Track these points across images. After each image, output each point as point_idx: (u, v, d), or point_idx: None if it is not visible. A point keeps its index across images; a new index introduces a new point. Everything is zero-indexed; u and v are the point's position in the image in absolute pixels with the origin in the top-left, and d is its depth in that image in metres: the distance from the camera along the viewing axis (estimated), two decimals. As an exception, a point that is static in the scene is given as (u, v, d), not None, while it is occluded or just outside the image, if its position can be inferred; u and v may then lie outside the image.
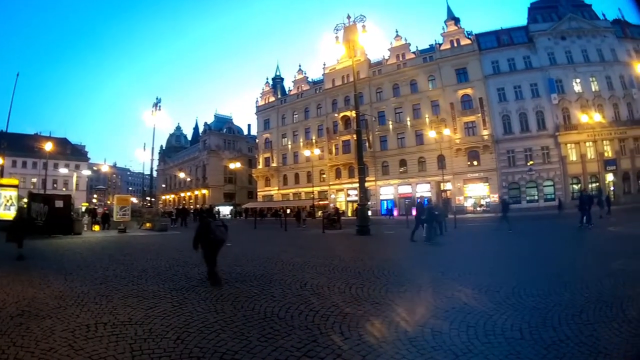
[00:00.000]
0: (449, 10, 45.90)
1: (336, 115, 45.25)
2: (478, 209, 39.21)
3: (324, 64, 48.74)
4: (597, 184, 37.44)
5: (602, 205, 22.72)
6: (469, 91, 41.06)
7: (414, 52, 44.46)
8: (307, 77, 51.97)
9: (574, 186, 38.23)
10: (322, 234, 17.83)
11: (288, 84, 55.51)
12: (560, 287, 5.74)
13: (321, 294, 5.50)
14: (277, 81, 57.78)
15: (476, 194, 40.55)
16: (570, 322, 4.17)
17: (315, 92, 49.69)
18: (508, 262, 8.68)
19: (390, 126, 42.86)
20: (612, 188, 37.81)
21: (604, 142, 38.68)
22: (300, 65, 54.83)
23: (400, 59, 44.46)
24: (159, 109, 26.22)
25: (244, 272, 7.38)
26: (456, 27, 43.66)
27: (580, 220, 16.20)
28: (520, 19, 48.16)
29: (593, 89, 39.74)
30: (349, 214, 40.70)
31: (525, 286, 5.78)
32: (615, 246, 10.18)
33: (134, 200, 52.93)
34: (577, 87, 39.94)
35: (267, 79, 57.50)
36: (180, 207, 40.16)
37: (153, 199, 54.17)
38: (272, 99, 54.61)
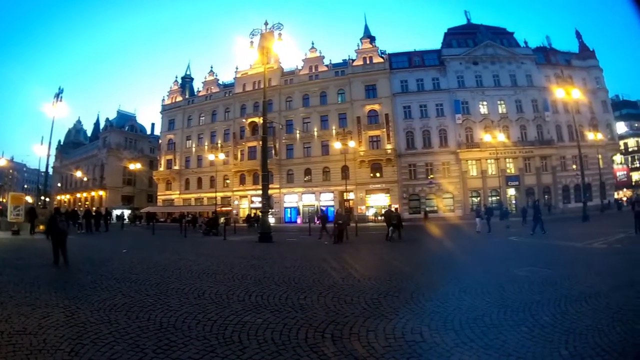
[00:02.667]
0: (366, 29, 49.21)
1: (244, 120, 45.88)
2: (379, 218, 40.64)
3: (237, 68, 50.08)
4: (498, 197, 41.41)
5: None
6: (376, 107, 44.01)
7: (327, 65, 47.31)
8: (218, 80, 52.96)
9: (474, 199, 42.06)
10: (224, 241, 18.16)
11: (198, 85, 56.04)
12: (460, 291, 6.18)
13: (220, 302, 5.58)
14: (187, 81, 57.79)
15: (378, 203, 42.86)
16: (473, 325, 4.41)
17: (225, 96, 50.62)
18: (407, 268, 9.14)
19: (298, 135, 44.35)
20: (513, 202, 42.39)
21: (507, 159, 42.99)
22: (212, 67, 55.86)
23: (313, 71, 46.86)
24: (60, 100, 25.28)
25: (139, 280, 7.40)
26: (371, 46, 47.08)
27: (533, 228, 17.68)
28: (438, 43, 50.80)
29: (500, 111, 44.36)
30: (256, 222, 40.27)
31: (424, 291, 6.26)
32: (518, 254, 11.45)
33: (29, 199, 49.68)
34: (483, 109, 44.39)
35: (177, 77, 57.32)
36: (95, 208, 36.22)
37: (47, 199, 49.22)
38: (179, 98, 54.49)
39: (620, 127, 62.84)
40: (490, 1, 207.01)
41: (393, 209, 22.59)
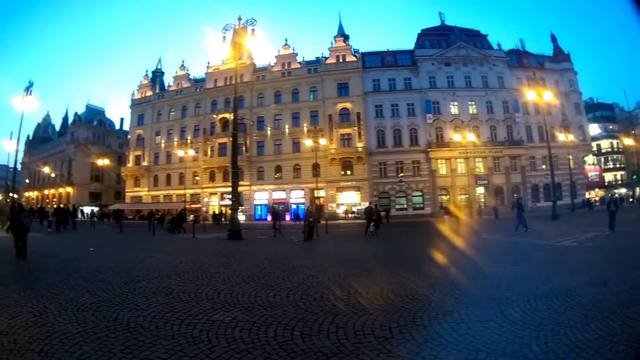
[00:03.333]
0: (340, 27, 49.91)
1: (215, 116, 45.74)
2: (350, 215, 42.04)
3: (208, 63, 50.11)
4: (467, 195, 42.36)
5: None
6: (348, 105, 44.64)
7: (300, 62, 47.73)
8: (189, 75, 52.81)
9: (443, 197, 42.81)
10: (193, 239, 18.18)
11: (169, 80, 55.51)
12: (429, 287, 6.31)
13: (188, 301, 5.58)
14: (158, 75, 57.43)
15: (348, 201, 43.63)
16: (442, 321, 4.46)
17: (196, 91, 50.42)
18: (376, 265, 9.18)
19: (269, 132, 44.54)
20: (482, 200, 43.26)
21: (477, 159, 44.13)
22: (183, 61, 55.12)
23: (286, 67, 47.11)
24: (30, 94, 24.82)
25: (106, 279, 7.36)
26: (344, 44, 47.74)
27: (516, 227, 17.83)
28: (411, 43, 51.24)
29: (471, 112, 45.49)
30: (222, 219, 40.40)
31: (393, 287, 6.31)
32: (487, 251, 11.53)
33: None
34: (454, 110, 45.44)
35: (147, 71, 56.86)
36: (62, 205, 35.09)
37: (15, 196, 48.17)
38: (149, 93, 54.09)
39: (594, 129, 64.37)
40: (465, 4, 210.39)
41: (374, 207, 23.00)
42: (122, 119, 69.84)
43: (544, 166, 44.31)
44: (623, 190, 62.86)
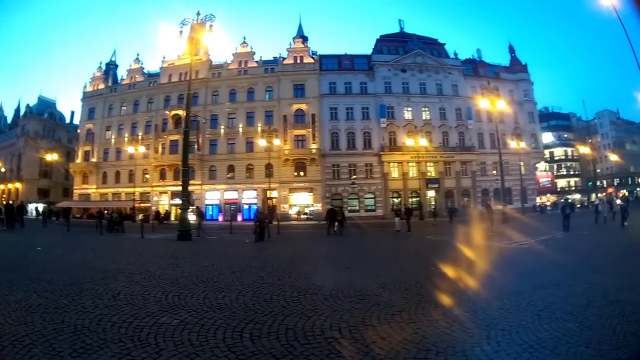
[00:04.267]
0: (300, 29, 50.40)
1: (167, 112, 45.31)
2: (302, 216, 42.50)
3: (164, 58, 49.20)
4: (418, 198, 43.64)
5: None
6: (303, 106, 45.04)
7: (257, 61, 47.97)
8: (144, 68, 51.83)
9: (394, 200, 44.05)
10: (141, 239, 17.92)
11: (123, 73, 54.05)
12: (379, 288, 6.39)
13: (135, 303, 5.50)
14: (111, 67, 55.95)
15: (301, 202, 43.95)
16: (391, 321, 4.52)
17: (149, 86, 49.68)
18: (328, 265, 9.30)
19: (222, 131, 44.38)
20: (432, 203, 44.54)
21: (428, 163, 45.38)
22: (138, 54, 54.10)
23: (243, 66, 47.16)
24: None
25: (53, 280, 7.21)
26: (303, 45, 48.31)
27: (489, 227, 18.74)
28: (369, 48, 51.88)
29: (424, 118, 46.78)
30: (172, 218, 40.36)
31: (343, 287, 6.35)
32: (437, 252, 11.69)
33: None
34: (408, 115, 46.59)
35: (101, 63, 55.16)
36: (11, 202, 33.82)
37: None
38: (102, 86, 52.70)
39: (548, 137, 66.83)
40: (425, 13, 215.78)
41: (337, 208, 25.43)
42: (72, 113, 67.34)
43: (494, 172, 45.73)
44: (577, 196, 65.23)
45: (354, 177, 43.47)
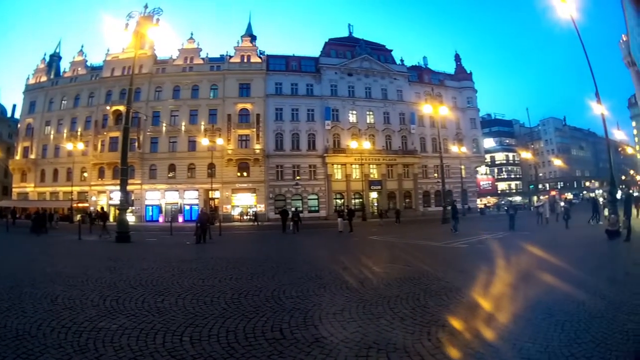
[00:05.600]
0: (249, 27, 49.22)
1: (108, 108, 43.16)
2: (245, 217, 41.53)
3: (108, 50, 46.65)
4: (361, 199, 44.09)
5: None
6: (248, 106, 44.11)
7: (203, 58, 46.39)
8: (87, 61, 48.94)
9: (337, 201, 44.15)
10: (79, 241, 17.49)
11: (67, 65, 50.51)
12: (319, 287, 6.41)
13: (74, 308, 5.32)
14: (55, 59, 52.30)
15: (244, 203, 43.04)
16: (332, 320, 4.51)
17: (91, 79, 46.98)
18: (271, 266, 9.16)
19: (164, 128, 42.61)
20: (375, 204, 45.20)
21: (371, 165, 45.79)
22: (82, 46, 51.02)
23: (188, 62, 45.49)
24: None
25: None
26: (251, 44, 47.29)
27: (454, 227, 18.85)
28: (318, 50, 51.93)
29: (368, 121, 47.11)
30: (111, 219, 37.47)
31: (286, 289, 6.37)
32: (376, 252, 12.34)
33: None
34: (353, 118, 46.74)
35: (45, 55, 51.69)
36: None
37: None
38: (44, 78, 49.45)
39: (490, 143, 69.38)
40: (374, 20, 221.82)
41: (293, 209, 27.21)
42: (14, 106, 63.34)
43: (435, 174, 46.96)
44: (518, 198, 68.07)
45: (298, 178, 43.08)
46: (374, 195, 46.18)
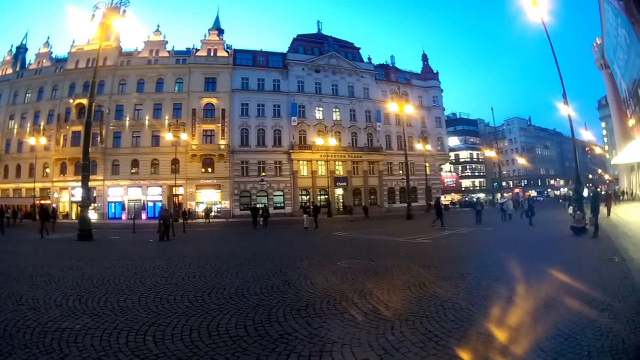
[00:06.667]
0: (217, 21, 48.28)
1: (71, 101, 41.50)
2: (210, 214, 40.12)
3: (73, 42, 44.80)
4: (327, 196, 43.86)
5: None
6: (213, 101, 43.20)
7: (168, 51, 44.96)
8: (52, 52, 46.86)
9: (303, 197, 43.89)
10: (41, 239, 17.02)
11: (32, 57, 48.31)
12: (284, 284, 6.43)
13: (37, 308, 5.24)
14: (21, 51, 49.91)
15: (208, 199, 42.27)
16: (297, 316, 4.60)
17: (56, 72, 44.95)
18: (234, 263, 9.13)
19: (127, 122, 41.37)
20: (341, 200, 45.66)
21: (337, 162, 45.86)
22: (48, 38, 48.55)
23: (154, 55, 44.19)
24: None
25: None
26: (218, 38, 46.17)
27: (439, 222, 18.89)
28: (285, 46, 51.50)
29: (334, 118, 47.08)
30: (74, 217, 36.81)
31: (249, 285, 6.37)
32: (342, 248, 12.22)
33: None
34: (319, 115, 46.55)
35: (12, 46, 49.52)
36: None
37: None
38: (10, 70, 47.25)
39: (455, 141, 70.72)
40: (343, 18, 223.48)
41: (260, 206, 28.64)
42: (-15, 98, 60.71)
43: (400, 171, 47.50)
44: (482, 195, 69.69)
45: (263, 174, 42.61)
46: (339, 191, 46.33)
